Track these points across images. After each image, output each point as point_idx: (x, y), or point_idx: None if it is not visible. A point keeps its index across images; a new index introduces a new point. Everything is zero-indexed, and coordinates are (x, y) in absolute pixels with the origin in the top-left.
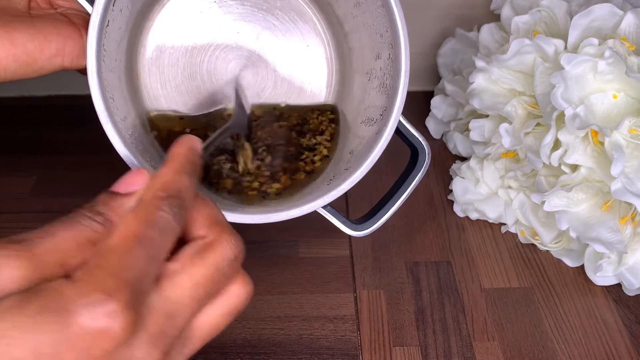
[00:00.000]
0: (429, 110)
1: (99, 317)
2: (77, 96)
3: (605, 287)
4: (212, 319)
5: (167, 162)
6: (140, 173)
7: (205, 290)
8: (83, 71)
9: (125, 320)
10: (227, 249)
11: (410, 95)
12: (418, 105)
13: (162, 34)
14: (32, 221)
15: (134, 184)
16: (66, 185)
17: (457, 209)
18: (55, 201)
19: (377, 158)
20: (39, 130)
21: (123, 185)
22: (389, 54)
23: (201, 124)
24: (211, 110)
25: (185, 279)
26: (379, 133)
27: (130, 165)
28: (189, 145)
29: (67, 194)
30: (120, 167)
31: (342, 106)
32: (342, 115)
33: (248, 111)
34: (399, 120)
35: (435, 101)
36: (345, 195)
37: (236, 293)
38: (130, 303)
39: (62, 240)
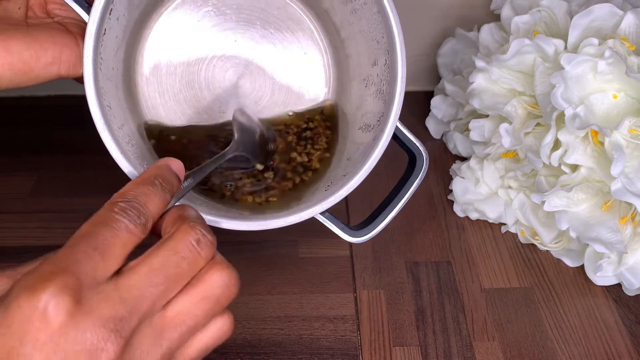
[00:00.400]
0: (429, 110)
1: (35, 299)
2: (77, 96)
3: (605, 287)
4: (185, 306)
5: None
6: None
7: (165, 275)
8: (80, 79)
9: (63, 302)
10: (185, 235)
11: (410, 95)
12: (418, 105)
13: (159, 43)
14: (32, 221)
15: None
16: (66, 185)
17: (457, 209)
18: (55, 201)
19: (374, 164)
20: (39, 130)
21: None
22: (386, 60)
23: (201, 135)
24: (210, 123)
25: (142, 267)
26: (376, 139)
27: (126, 173)
28: (160, 164)
29: (67, 194)
30: (119, 168)
31: (339, 111)
32: (342, 117)
33: (257, 132)
34: (397, 126)
35: (435, 101)
36: (346, 199)
37: (211, 279)
38: (67, 286)
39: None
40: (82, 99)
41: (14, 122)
